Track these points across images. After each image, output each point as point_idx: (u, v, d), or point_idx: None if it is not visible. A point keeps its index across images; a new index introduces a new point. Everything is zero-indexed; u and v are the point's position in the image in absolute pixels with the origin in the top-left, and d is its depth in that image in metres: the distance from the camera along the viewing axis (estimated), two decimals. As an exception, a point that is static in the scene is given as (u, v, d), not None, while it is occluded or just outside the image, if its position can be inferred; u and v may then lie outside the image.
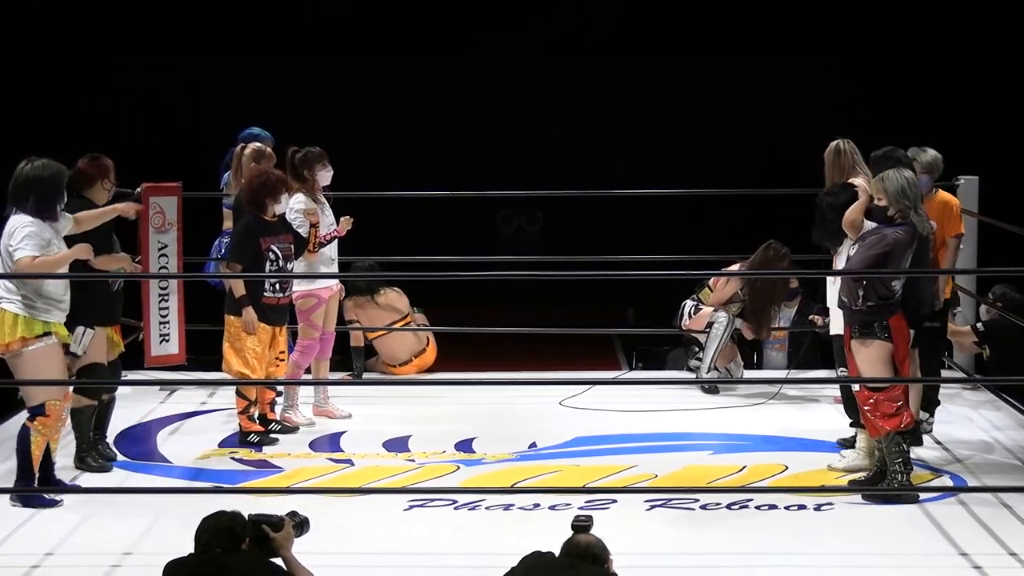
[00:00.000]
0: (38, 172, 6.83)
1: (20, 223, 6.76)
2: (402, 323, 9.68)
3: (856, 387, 6.95)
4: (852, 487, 7.09)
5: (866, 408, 6.85)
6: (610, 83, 15.35)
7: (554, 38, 15.22)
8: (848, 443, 7.63)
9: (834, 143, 7.89)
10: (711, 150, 14.71)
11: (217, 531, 5.07)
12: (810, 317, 9.26)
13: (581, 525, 5.08)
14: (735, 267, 9.16)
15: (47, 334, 6.77)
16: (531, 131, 15.13)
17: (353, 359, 9.53)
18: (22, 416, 8.35)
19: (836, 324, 7.37)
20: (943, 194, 8.00)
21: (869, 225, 7.01)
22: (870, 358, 6.83)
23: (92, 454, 7.41)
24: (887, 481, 6.88)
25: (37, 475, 6.86)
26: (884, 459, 6.93)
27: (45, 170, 6.85)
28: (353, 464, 7.64)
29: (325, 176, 8.36)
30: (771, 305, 9.11)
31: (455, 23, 15.15)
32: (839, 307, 7.04)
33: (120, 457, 7.68)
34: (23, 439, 6.80)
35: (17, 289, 6.72)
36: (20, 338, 6.71)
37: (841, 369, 7.38)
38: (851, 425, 7.48)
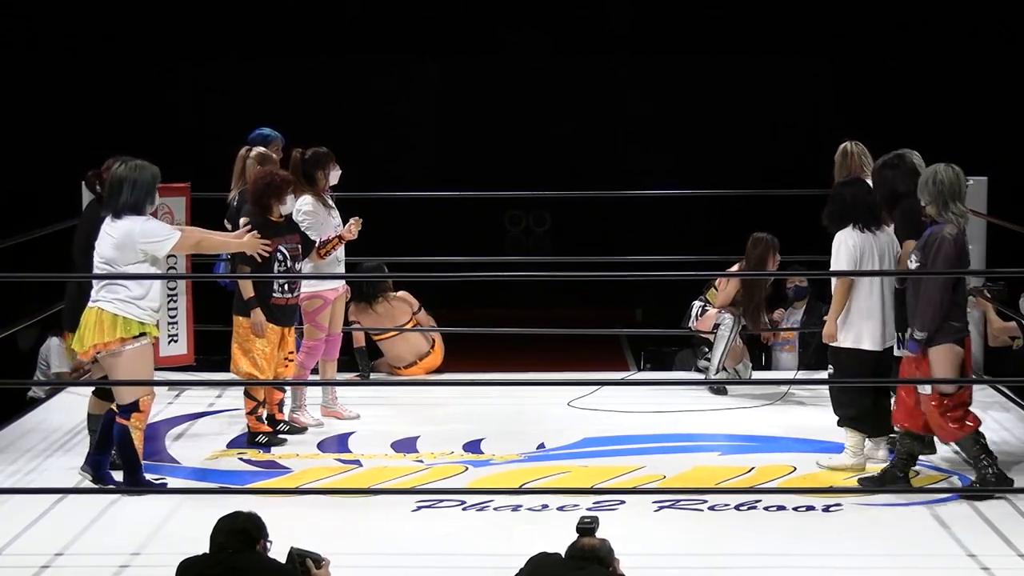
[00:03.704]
0: (134, 173, 6.91)
1: (136, 226, 6.84)
2: (408, 326, 9.67)
3: (927, 390, 6.92)
4: (862, 488, 7.10)
5: (937, 411, 6.85)
6: (624, 81, 15.34)
7: (570, 35, 15.21)
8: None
9: (842, 144, 8.01)
10: (724, 148, 14.71)
11: (232, 532, 5.10)
12: (823, 317, 9.24)
13: (586, 527, 5.08)
14: (735, 267, 9.17)
15: (142, 334, 6.87)
16: (542, 130, 15.12)
17: (358, 360, 9.53)
18: (35, 414, 8.47)
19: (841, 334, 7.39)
20: None
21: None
22: (943, 361, 6.85)
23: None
24: (976, 479, 6.92)
25: (89, 455, 7.07)
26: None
27: (141, 172, 6.94)
28: (361, 465, 7.64)
29: (333, 176, 8.37)
30: (761, 296, 9.07)
31: (466, 19, 15.14)
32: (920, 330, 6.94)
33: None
34: (125, 438, 6.92)
35: (122, 291, 6.82)
36: (119, 338, 6.82)
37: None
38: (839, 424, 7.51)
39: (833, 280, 7.43)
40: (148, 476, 7.11)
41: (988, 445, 6.97)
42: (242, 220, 7.88)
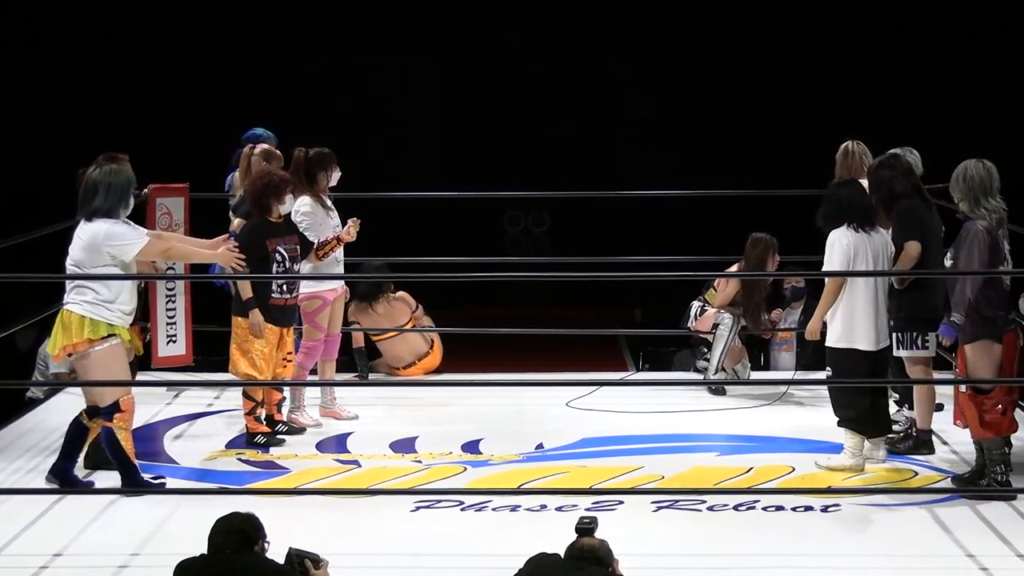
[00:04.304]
0: (108, 178, 6.91)
1: (103, 228, 6.83)
2: (407, 326, 9.67)
3: (963, 387, 6.94)
4: (860, 489, 7.10)
5: (973, 407, 6.86)
6: (624, 81, 15.34)
7: (570, 35, 15.20)
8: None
9: (844, 144, 8.02)
10: (724, 148, 14.71)
11: (229, 532, 5.10)
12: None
13: (585, 528, 5.09)
14: (734, 267, 9.17)
15: (111, 335, 6.85)
16: (542, 130, 15.11)
17: (357, 360, 9.53)
18: (33, 415, 8.47)
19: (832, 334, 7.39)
20: None
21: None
22: (976, 358, 6.85)
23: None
24: (986, 479, 6.92)
25: (55, 463, 7.03)
26: (984, 460, 6.99)
27: (116, 176, 6.93)
28: (360, 465, 7.64)
29: (333, 178, 8.36)
30: (760, 296, 9.08)
31: (466, 19, 15.13)
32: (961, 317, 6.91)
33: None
34: (111, 440, 6.93)
35: (89, 293, 6.81)
36: (86, 340, 6.82)
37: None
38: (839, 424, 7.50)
39: (827, 280, 7.43)
40: (148, 476, 7.12)
41: (1010, 454, 6.95)
42: (236, 221, 7.86)
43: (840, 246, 7.26)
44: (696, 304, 9.28)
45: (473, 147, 15.12)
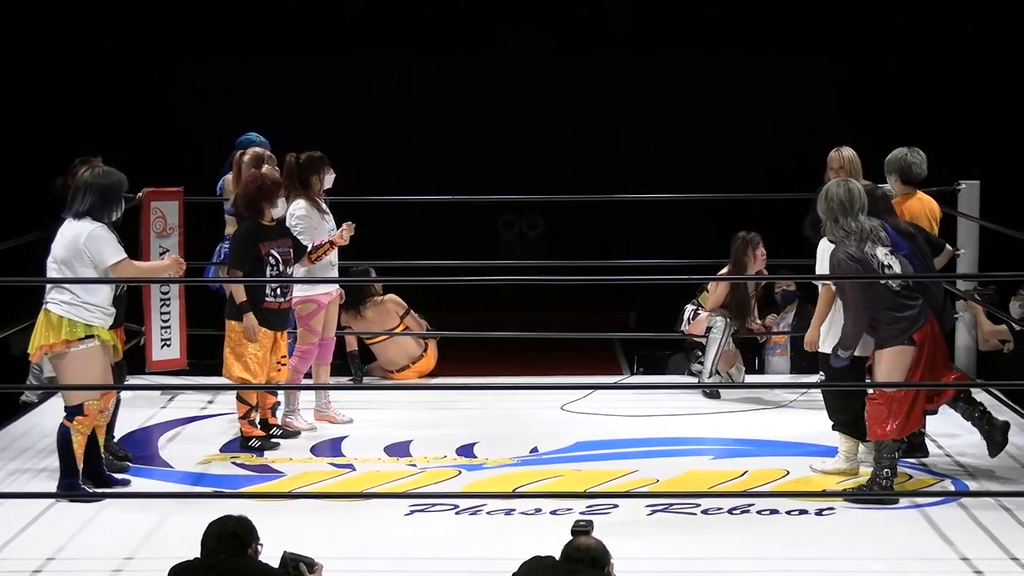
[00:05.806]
0: (99, 179, 6.90)
1: (87, 228, 6.82)
2: (399, 329, 9.68)
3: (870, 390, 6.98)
4: (855, 492, 7.09)
5: (880, 407, 6.89)
6: (624, 81, 15.33)
7: (570, 35, 15.20)
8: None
9: (847, 152, 7.98)
10: (724, 148, 14.70)
11: (223, 536, 5.11)
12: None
13: (581, 529, 5.10)
14: (724, 270, 9.18)
15: (89, 337, 6.84)
16: (542, 130, 15.10)
17: (351, 364, 9.53)
18: (27, 419, 8.48)
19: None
20: (919, 199, 7.97)
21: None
22: (886, 364, 6.89)
23: (106, 456, 7.42)
24: (868, 483, 6.95)
25: (82, 470, 6.95)
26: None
27: (107, 178, 6.93)
28: (354, 469, 7.63)
29: (327, 180, 8.35)
30: (746, 293, 9.09)
31: (466, 19, 15.13)
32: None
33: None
34: (64, 439, 6.89)
35: (68, 293, 6.80)
36: (63, 340, 6.81)
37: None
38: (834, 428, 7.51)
39: (819, 286, 7.41)
40: (142, 480, 7.12)
41: (897, 461, 6.99)
42: (229, 229, 7.85)
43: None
44: (689, 308, 9.29)
45: (473, 147, 15.12)
